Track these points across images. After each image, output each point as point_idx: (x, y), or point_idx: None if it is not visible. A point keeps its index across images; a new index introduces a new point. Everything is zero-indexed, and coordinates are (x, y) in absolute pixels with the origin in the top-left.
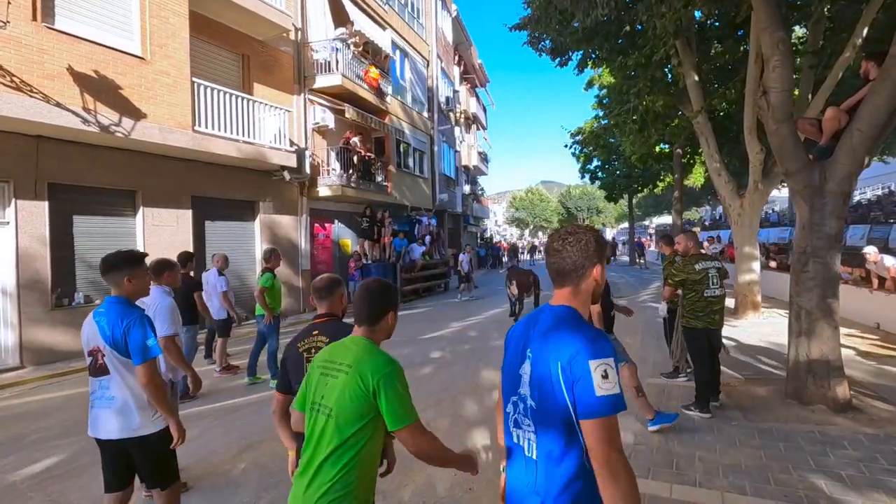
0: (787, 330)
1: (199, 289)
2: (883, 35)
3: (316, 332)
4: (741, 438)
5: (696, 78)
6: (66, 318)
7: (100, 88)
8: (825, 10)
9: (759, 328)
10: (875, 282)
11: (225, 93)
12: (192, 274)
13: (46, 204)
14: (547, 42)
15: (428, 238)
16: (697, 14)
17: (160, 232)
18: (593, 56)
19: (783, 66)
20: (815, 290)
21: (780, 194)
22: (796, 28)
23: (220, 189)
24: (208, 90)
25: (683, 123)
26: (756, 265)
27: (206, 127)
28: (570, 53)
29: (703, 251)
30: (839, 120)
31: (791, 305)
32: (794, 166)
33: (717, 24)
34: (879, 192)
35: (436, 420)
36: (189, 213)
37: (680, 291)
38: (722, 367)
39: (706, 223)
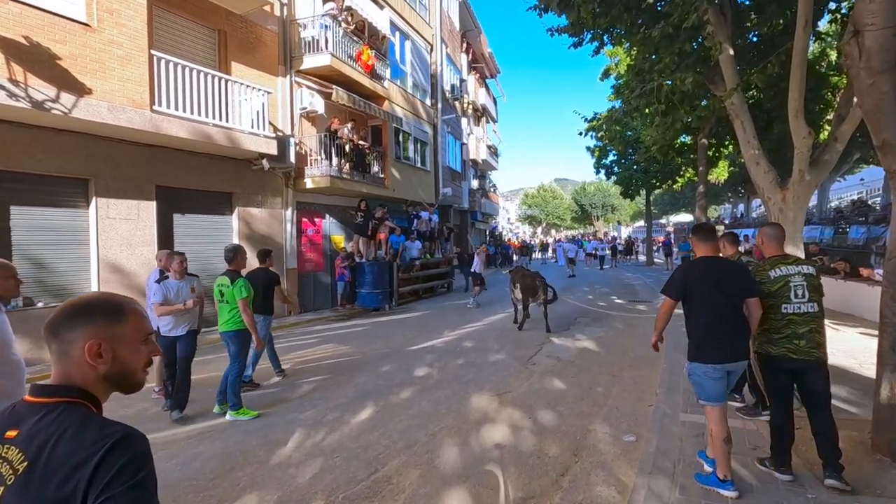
0: (877, 360)
1: (277, 282)
2: None
3: (12, 432)
4: None
5: (731, 52)
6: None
7: (32, 58)
8: None
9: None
10: None
11: (192, 69)
12: (271, 268)
13: None
14: (559, 19)
15: (427, 232)
16: None
17: (118, 226)
18: (614, 31)
19: None
20: None
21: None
22: None
23: (192, 179)
24: (171, 65)
25: (713, 106)
26: None
27: (169, 107)
28: (585, 33)
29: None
30: None
31: (884, 328)
32: (895, 136)
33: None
34: None
35: (401, 472)
36: (153, 204)
37: None
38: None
39: (725, 221)
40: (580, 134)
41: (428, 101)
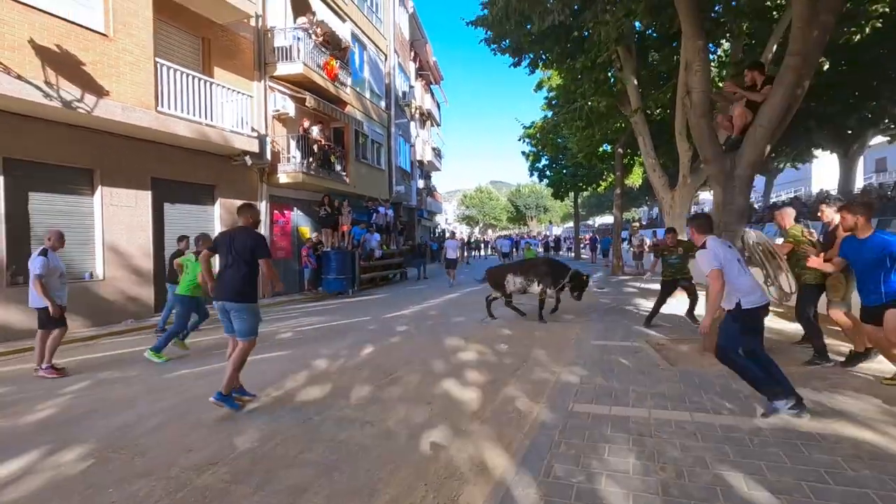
0: (706, 295)
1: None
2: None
3: None
4: (666, 377)
5: (635, 82)
6: (20, 296)
7: (62, 63)
8: (743, 26)
9: (685, 304)
10: None
11: (188, 75)
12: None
13: (0, 179)
14: (506, 42)
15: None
16: (637, 25)
17: (119, 212)
18: (544, 58)
19: (703, 71)
20: None
21: (710, 196)
22: (723, 42)
23: (180, 172)
24: (171, 71)
25: (624, 124)
26: None
27: (169, 108)
28: (524, 55)
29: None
30: (745, 116)
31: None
32: (710, 155)
33: (654, 34)
34: (792, 195)
35: (407, 375)
36: (148, 194)
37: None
38: (653, 331)
39: (643, 222)
40: (519, 140)
41: (382, 106)
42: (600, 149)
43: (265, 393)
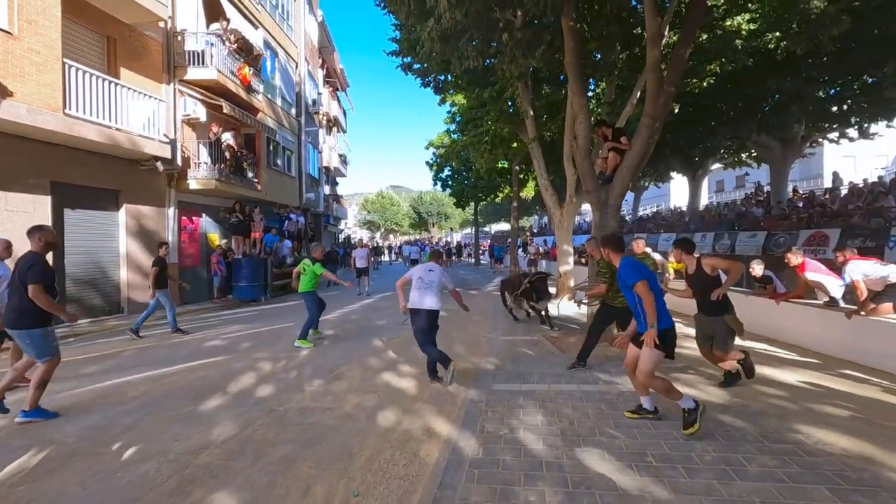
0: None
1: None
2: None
3: None
4: (560, 362)
5: (532, 113)
6: None
7: None
8: (616, 72)
9: (571, 305)
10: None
11: (97, 76)
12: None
13: None
14: (418, 66)
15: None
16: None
17: (15, 218)
18: (453, 82)
19: (585, 122)
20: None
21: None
22: (602, 83)
23: (82, 176)
24: (79, 72)
25: (521, 147)
26: (571, 259)
27: (77, 110)
28: (437, 79)
29: None
30: (615, 159)
31: (590, 279)
32: (590, 187)
33: (547, 72)
34: (654, 210)
35: (349, 371)
36: (48, 199)
37: None
38: (549, 326)
39: (535, 230)
40: (426, 147)
41: (293, 113)
42: (500, 165)
43: (222, 391)
